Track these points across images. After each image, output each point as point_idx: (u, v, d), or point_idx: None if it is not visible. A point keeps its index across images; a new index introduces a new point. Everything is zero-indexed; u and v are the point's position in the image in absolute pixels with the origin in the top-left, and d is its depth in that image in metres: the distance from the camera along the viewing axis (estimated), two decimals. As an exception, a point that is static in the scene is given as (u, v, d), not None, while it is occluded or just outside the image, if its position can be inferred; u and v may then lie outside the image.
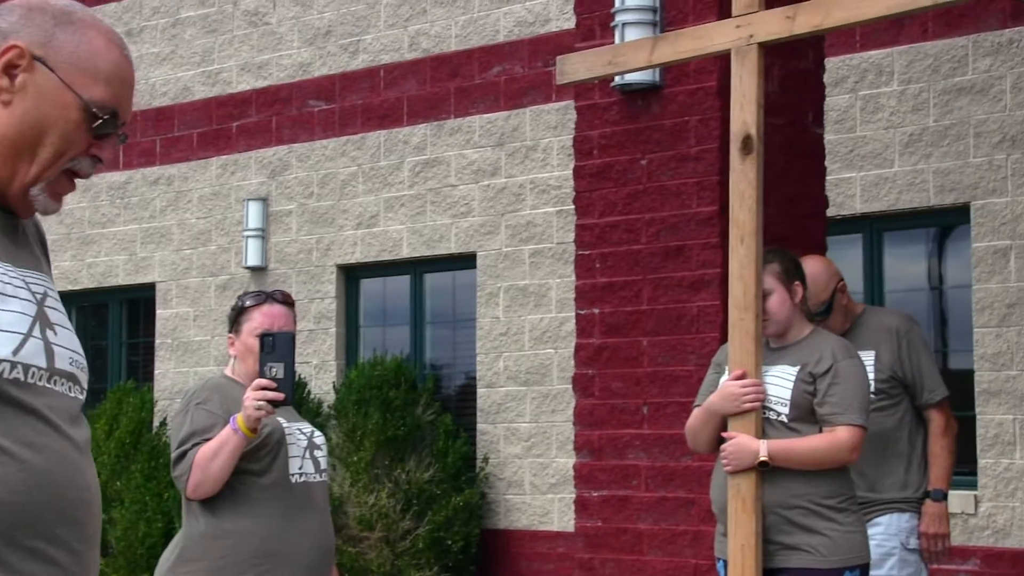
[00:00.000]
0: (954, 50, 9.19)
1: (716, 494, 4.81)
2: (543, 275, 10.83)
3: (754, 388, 4.63)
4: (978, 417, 8.96)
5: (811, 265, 5.25)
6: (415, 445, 10.79)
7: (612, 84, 6.45)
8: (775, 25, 4.71)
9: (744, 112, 4.73)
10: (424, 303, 11.80)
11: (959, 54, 9.17)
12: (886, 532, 5.30)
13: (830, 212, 9.51)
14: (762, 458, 4.57)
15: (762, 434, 4.64)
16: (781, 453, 4.58)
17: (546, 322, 10.79)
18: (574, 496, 6.53)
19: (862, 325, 5.47)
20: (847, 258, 9.66)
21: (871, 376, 5.13)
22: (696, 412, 4.85)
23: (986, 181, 9.02)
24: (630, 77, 6.25)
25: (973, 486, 8.98)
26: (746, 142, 4.71)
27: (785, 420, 4.66)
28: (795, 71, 6.41)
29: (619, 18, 6.44)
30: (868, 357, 5.27)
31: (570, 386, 9.09)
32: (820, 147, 6.67)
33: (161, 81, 13.22)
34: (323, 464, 4.55)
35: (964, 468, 9.11)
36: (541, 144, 10.89)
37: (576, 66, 5.24)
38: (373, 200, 11.81)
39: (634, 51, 5.11)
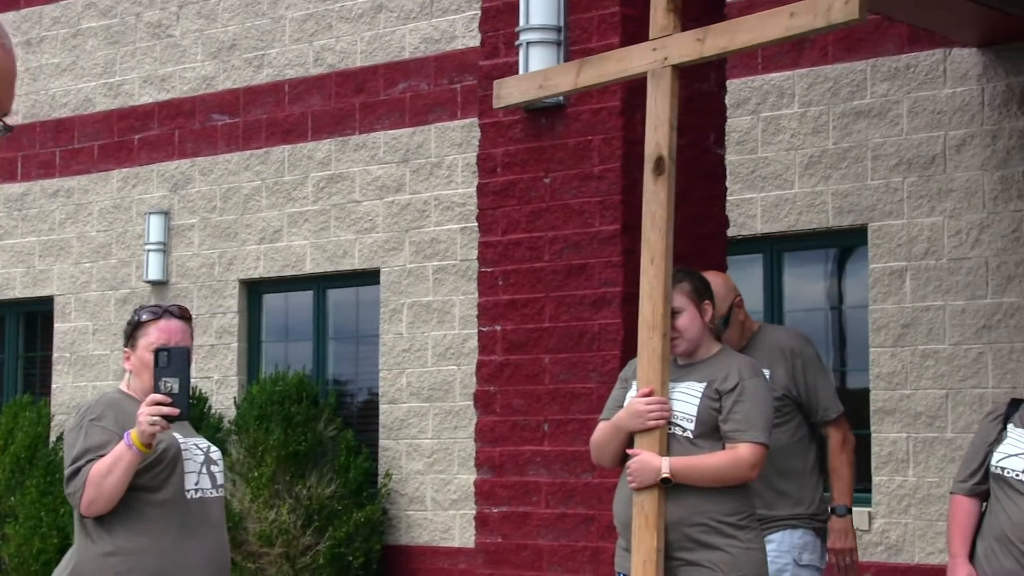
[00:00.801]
0: (853, 74, 9.35)
1: (619, 509, 4.84)
2: (447, 292, 10.84)
3: (659, 406, 4.67)
4: (873, 435, 9.11)
5: (709, 280, 5.31)
6: (316, 461, 10.75)
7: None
8: (687, 48, 4.78)
9: (658, 133, 4.78)
10: (327, 319, 11.76)
11: (858, 78, 9.33)
12: (778, 549, 5.36)
13: (731, 232, 9.62)
14: (664, 475, 4.61)
15: (667, 450, 4.68)
16: (683, 470, 4.63)
17: (449, 338, 10.80)
18: (475, 512, 6.54)
19: (757, 343, 5.53)
20: (748, 278, 9.78)
21: None
22: (602, 426, 4.89)
23: (883, 203, 9.18)
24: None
25: (867, 503, 9.12)
26: (659, 163, 4.76)
27: (690, 436, 4.70)
28: (698, 93, 6.49)
29: (523, 37, 6.48)
30: None
31: (472, 403, 9.11)
32: (721, 168, 6.75)
33: (61, 92, 13.07)
34: (220, 479, 4.52)
35: (859, 485, 9.25)
36: (446, 161, 10.91)
37: (510, 90, 5.29)
38: (277, 215, 11.75)
39: (562, 75, 5.20)
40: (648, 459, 4.64)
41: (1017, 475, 4.73)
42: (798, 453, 5.47)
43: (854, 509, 9.05)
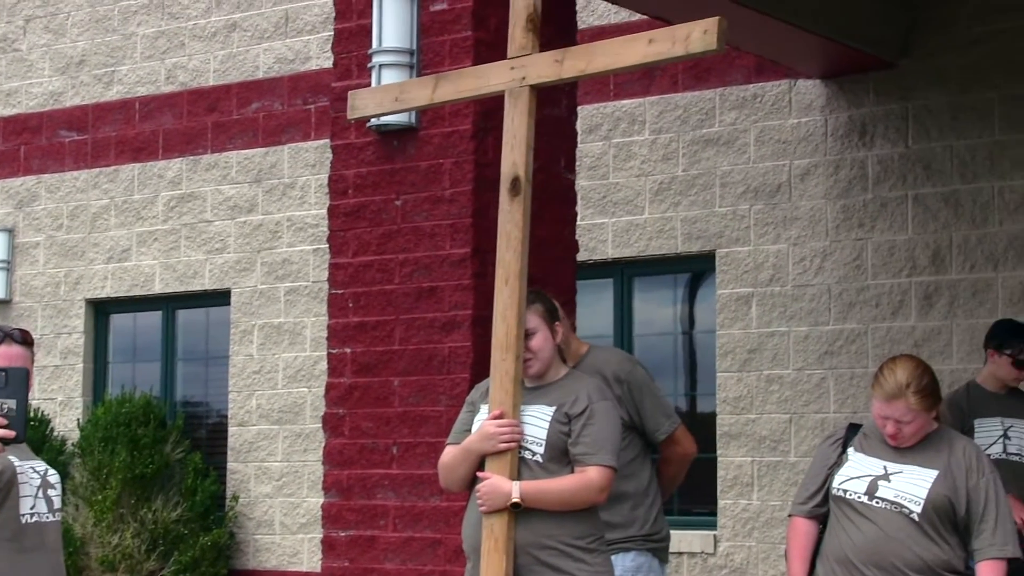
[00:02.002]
0: (702, 102, 9.51)
1: (468, 533, 4.84)
2: (298, 313, 10.76)
3: (510, 428, 4.68)
4: (719, 459, 9.24)
5: None
6: (163, 484, 10.59)
7: (368, 124, 6.47)
8: (545, 68, 4.79)
9: (514, 153, 4.77)
10: (176, 339, 11.60)
11: (707, 106, 9.49)
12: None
13: (582, 256, 9.72)
14: (514, 500, 4.62)
15: (518, 474, 4.69)
16: (533, 494, 4.64)
17: (300, 360, 10.73)
18: (322, 536, 6.49)
19: (586, 365, 5.53)
20: (599, 302, 9.88)
21: None
22: (451, 450, 4.87)
23: (730, 230, 9.34)
24: (386, 118, 6.28)
25: (713, 526, 9.25)
26: (515, 183, 4.75)
27: (540, 460, 4.72)
28: (549, 117, 6.53)
29: (376, 59, 6.48)
30: None
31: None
32: (572, 193, 6.81)
33: (-97, 104, 12.74)
34: (56, 504, 4.43)
35: (704, 509, 9.39)
36: (299, 182, 10.85)
37: (366, 101, 5.23)
38: (125, 234, 11.57)
39: (418, 88, 5.14)
40: (498, 483, 4.64)
41: (859, 497, 4.83)
42: (630, 476, 5.50)
43: (700, 533, 9.20)
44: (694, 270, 9.67)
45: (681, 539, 9.22)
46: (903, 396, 4.76)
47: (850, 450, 4.94)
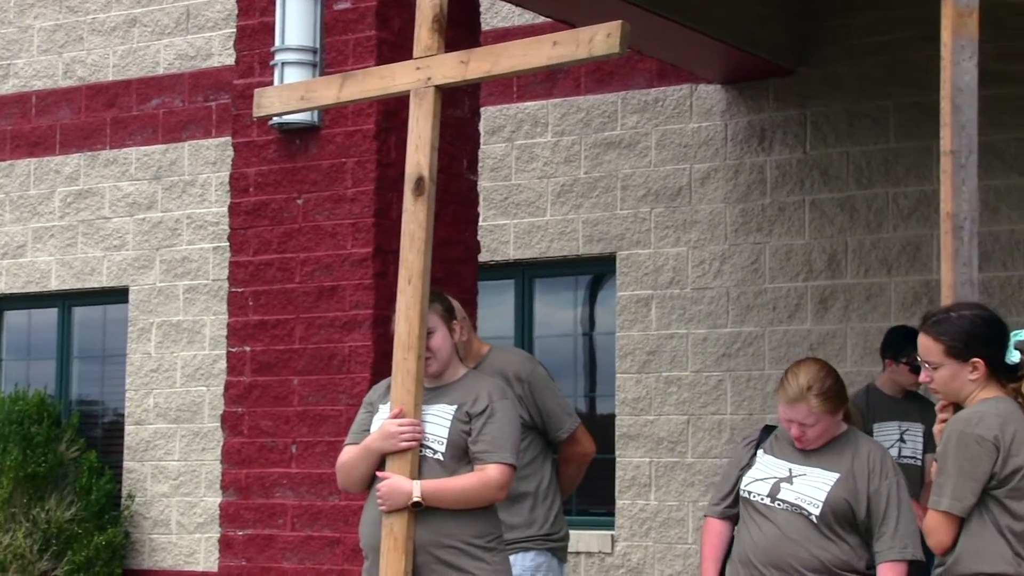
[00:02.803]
0: (605, 105, 9.58)
1: (366, 532, 4.84)
2: (198, 311, 10.68)
3: (411, 427, 4.70)
4: (617, 459, 9.32)
5: None
6: (57, 483, 10.46)
7: (270, 123, 6.45)
8: (451, 69, 4.80)
9: (419, 153, 4.77)
10: (72, 337, 11.46)
11: (609, 110, 9.57)
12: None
13: (484, 257, 9.75)
14: (415, 499, 4.63)
15: (419, 472, 4.71)
16: (434, 492, 4.66)
17: (199, 359, 10.64)
18: (219, 535, 6.46)
19: (487, 366, 5.56)
20: (500, 303, 9.92)
21: None
22: (351, 450, 4.88)
23: (631, 232, 9.42)
24: (288, 116, 6.26)
25: (610, 526, 9.32)
26: (419, 183, 4.77)
27: (441, 458, 4.74)
28: (451, 119, 6.56)
29: (279, 57, 6.46)
30: None
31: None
32: (474, 194, 6.84)
33: None
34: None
35: (602, 509, 9.47)
36: (199, 179, 10.76)
37: (271, 99, 5.21)
38: (21, 230, 11.41)
39: (324, 87, 5.13)
40: (398, 483, 4.65)
41: (761, 499, 4.91)
42: (530, 476, 5.54)
43: (597, 533, 9.27)
44: (595, 272, 9.73)
45: (579, 539, 9.28)
46: (805, 399, 4.84)
47: (759, 452, 5.02)
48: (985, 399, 4.48)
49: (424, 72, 4.83)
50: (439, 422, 4.77)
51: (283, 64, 6.42)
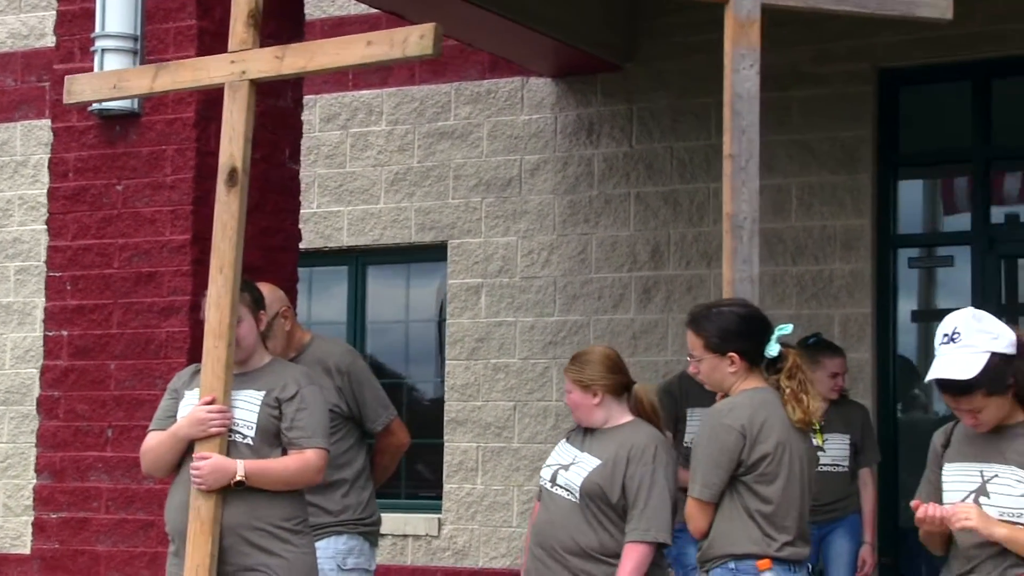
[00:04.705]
0: (438, 96, 9.71)
1: (172, 516, 4.93)
2: (28, 293, 10.59)
3: (221, 414, 4.80)
4: (446, 444, 9.48)
5: None
6: None
7: (90, 108, 6.48)
8: (266, 64, 4.89)
9: (232, 145, 4.87)
10: (-99, 317, 11.27)
11: (443, 100, 9.70)
12: (323, 555, 5.53)
13: (318, 244, 9.85)
14: (239, 478, 4.74)
15: (228, 456, 4.82)
16: (257, 472, 4.78)
17: (29, 341, 10.56)
18: (33, 518, 6.49)
19: (308, 356, 5.68)
20: (333, 290, 10.02)
21: None
22: (156, 436, 4.96)
23: (463, 221, 9.58)
24: (108, 103, 6.29)
25: (437, 510, 9.48)
26: (232, 175, 4.86)
27: (251, 443, 4.86)
28: (274, 108, 6.65)
29: (99, 43, 6.49)
30: None
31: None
32: (295, 183, 6.92)
33: None
34: None
35: (430, 493, 9.63)
36: (32, 160, 10.67)
37: (83, 86, 5.24)
38: None
39: (137, 77, 5.19)
40: (222, 462, 4.76)
41: (545, 483, 5.12)
42: (345, 464, 5.68)
43: (425, 516, 9.42)
44: (427, 260, 9.86)
45: (407, 522, 9.44)
46: (568, 370, 5.23)
47: (562, 441, 5.26)
48: (744, 390, 4.73)
49: (239, 66, 4.93)
50: (248, 408, 4.89)
51: (103, 51, 6.45)
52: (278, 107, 6.70)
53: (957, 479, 4.09)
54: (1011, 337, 4.04)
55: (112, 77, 5.32)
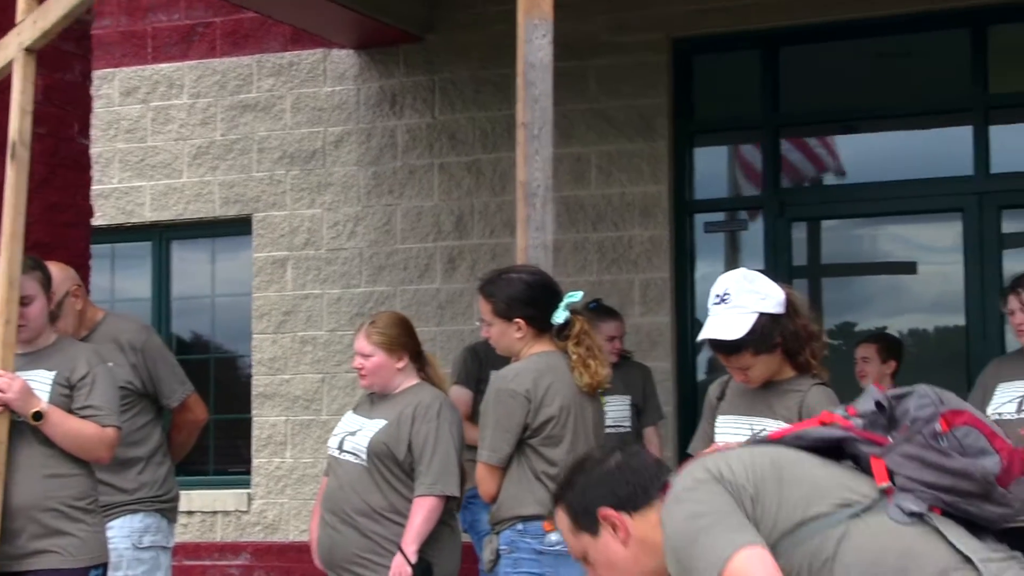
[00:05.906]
0: (240, 68, 9.63)
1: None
2: None
3: (10, 379, 4.72)
4: (254, 419, 9.44)
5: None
6: None
7: None
8: (30, 32, 4.87)
9: (12, 118, 4.86)
10: None
11: (245, 72, 9.62)
12: (118, 534, 5.50)
13: (120, 219, 9.71)
14: (41, 408, 4.66)
15: (7, 437, 4.75)
16: (58, 417, 4.72)
17: None
18: None
19: (101, 333, 5.63)
20: (137, 265, 9.89)
21: None
22: None
23: (267, 195, 9.53)
24: None
25: (247, 484, 9.45)
26: (12, 149, 4.84)
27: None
28: (60, 83, 6.53)
29: None
30: None
31: None
32: (86, 158, 6.81)
33: None
34: None
35: (239, 468, 9.59)
36: None
37: None
38: None
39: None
40: (31, 389, 4.67)
41: (332, 451, 5.18)
42: (140, 441, 5.64)
43: (234, 492, 9.38)
44: (232, 233, 9.79)
45: (216, 498, 9.39)
46: (364, 331, 5.24)
47: (348, 412, 5.35)
48: (531, 355, 4.82)
49: (16, 38, 4.89)
50: (38, 387, 4.84)
51: None
52: (66, 81, 6.58)
53: (728, 431, 4.24)
54: (779, 297, 4.18)
55: None
